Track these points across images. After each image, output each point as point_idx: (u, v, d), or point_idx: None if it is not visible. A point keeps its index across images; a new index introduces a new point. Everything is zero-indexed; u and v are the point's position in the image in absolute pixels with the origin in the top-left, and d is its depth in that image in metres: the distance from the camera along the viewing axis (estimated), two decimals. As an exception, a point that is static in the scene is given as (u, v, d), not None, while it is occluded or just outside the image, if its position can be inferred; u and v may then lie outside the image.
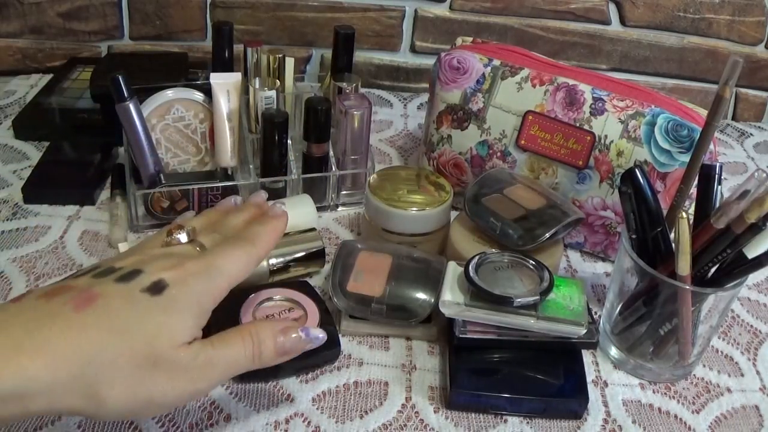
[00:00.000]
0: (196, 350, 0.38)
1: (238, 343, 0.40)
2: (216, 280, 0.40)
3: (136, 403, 0.36)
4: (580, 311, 0.52)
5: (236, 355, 0.40)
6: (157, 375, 0.36)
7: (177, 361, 0.37)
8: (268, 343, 0.41)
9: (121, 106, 0.62)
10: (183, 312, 0.38)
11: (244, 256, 0.42)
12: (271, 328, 0.42)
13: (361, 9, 0.95)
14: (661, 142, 0.61)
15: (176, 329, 0.37)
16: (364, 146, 0.70)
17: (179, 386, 0.37)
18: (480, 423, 0.51)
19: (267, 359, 0.41)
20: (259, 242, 0.44)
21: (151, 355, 0.36)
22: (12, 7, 0.91)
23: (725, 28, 0.96)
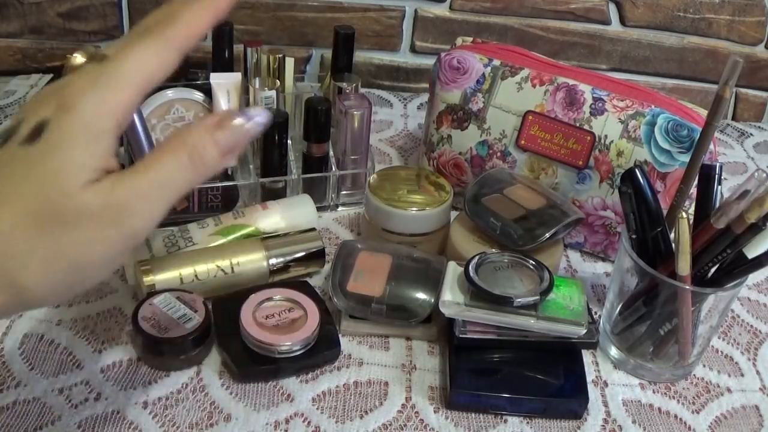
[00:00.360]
0: (108, 186, 0.31)
1: (167, 158, 0.32)
2: (112, 87, 0.31)
3: (58, 272, 0.30)
4: (580, 311, 0.52)
5: (170, 172, 0.32)
6: (67, 231, 0.30)
7: (83, 206, 0.30)
8: (205, 142, 0.33)
9: (121, 106, 0.61)
10: (69, 148, 0.30)
11: (152, 43, 0.32)
12: (203, 126, 0.33)
13: (361, 9, 0.95)
14: (661, 142, 0.61)
15: (66, 172, 0.30)
16: (364, 146, 0.70)
17: (101, 233, 0.30)
18: (480, 423, 0.51)
19: (211, 161, 0.33)
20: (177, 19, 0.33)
21: (48, 212, 0.30)
22: (12, 7, 0.91)
23: (725, 28, 0.96)
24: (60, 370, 0.52)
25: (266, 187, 0.69)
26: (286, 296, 0.55)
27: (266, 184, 0.69)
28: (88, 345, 0.54)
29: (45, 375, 0.51)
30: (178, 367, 0.52)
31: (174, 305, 0.53)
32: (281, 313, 0.54)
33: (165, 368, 0.52)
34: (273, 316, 0.54)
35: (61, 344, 0.54)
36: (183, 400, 0.50)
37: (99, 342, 0.54)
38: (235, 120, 0.33)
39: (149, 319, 0.52)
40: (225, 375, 0.53)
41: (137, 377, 0.52)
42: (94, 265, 0.31)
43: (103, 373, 0.52)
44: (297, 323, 0.53)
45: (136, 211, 0.31)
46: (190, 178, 0.33)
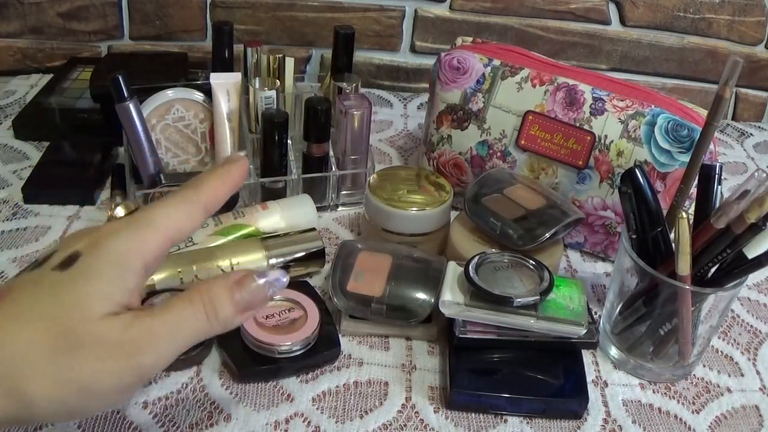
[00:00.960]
0: (126, 321, 0.33)
1: (184, 305, 0.34)
2: (142, 233, 0.34)
3: (67, 393, 0.31)
4: (580, 311, 0.52)
5: (184, 319, 0.34)
6: (81, 356, 0.31)
7: (100, 335, 0.32)
8: (222, 299, 0.35)
9: (121, 106, 0.62)
10: (97, 279, 0.33)
11: (180, 202, 0.36)
12: (224, 283, 0.35)
13: (361, 9, 0.95)
14: (661, 142, 0.61)
15: (90, 300, 0.32)
16: (364, 146, 0.70)
17: (113, 364, 0.32)
18: (480, 423, 0.51)
19: (226, 318, 0.35)
20: (202, 186, 0.37)
21: (67, 334, 0.31)
22: (12, 7, 0.91)
23: (725, 28, 0.96)
24: (60, 370, 0.52)
25: (266, 187, 0.69)
26: (286, 296, 0.55)
27: (266, 184, 0.69)
28: (88, 345, 0.54)
29: (45, 375, 0.51)
30: (178, 367, 0.52)
31: (174, 305, 0.53)
32: (281, 313, 0.54)
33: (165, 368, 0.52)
34: (273, 316, 0.54)
35: (61, 344, 0.54)
36: (183, 400, 0.50)
37: (99, 342, 0.54)
38: (255, 282, 0.36)
39: (149, 319, 0.52)
40: (225, 375, 0.53)
41: (137, 377, 0.52)
42: (102, 393, 0.32)
43: (103, 373, 0.52)
44: (297, 323, 0.53)
45: (147, 349, 0.33)
46: (203, 329, 0.35)
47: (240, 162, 0.39)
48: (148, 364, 0.33)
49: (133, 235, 0.34)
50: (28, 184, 0.69)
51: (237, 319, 0.36)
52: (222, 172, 0.38)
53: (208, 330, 0.35)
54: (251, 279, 0.36)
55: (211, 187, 0.37)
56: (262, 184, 0.69)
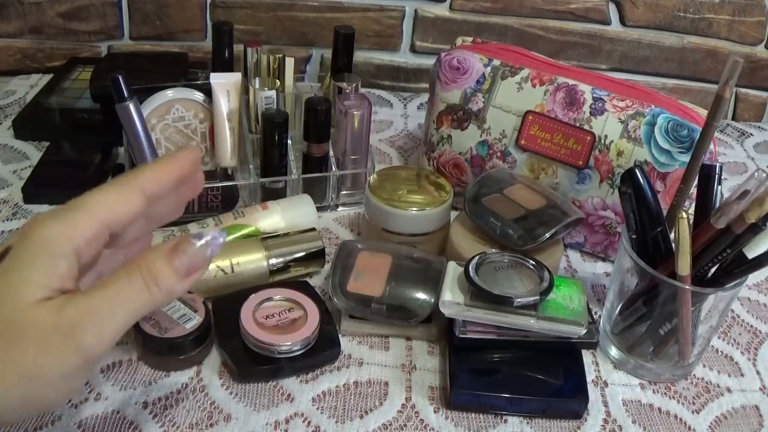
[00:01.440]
0: (60, 303, 0.32)
1: (120, 280, 0.33)
2: (70, 217, 0.33)
3: (12, 385, 0.31)
4: (580, 311, 0.52)
5: (123, 293, 0.33)
6: (19, 345, 0.31)
7: (34, 320, 0.31)
8: (160, 267, 0.34)
9: (121, 106, 0.61)
10: (26, 267, 0.32)
11: (115, 186, 0.35)
12: (160, 251, 0.34)
13: (361, 9, 0.95)
14: (661, 142, 0.61)
15: (21, 288, 0.32)
16: (364, 146, 0.70)
17: (53, 349, 0.31)
18: (480, 423, 0.51)
19: (169, 286, 0.34)
20: (142, 170, 0.36)
21: (1, 326, 0.31)
22: (12, 7, 0.91)
23: (725, 28, 0.96)
24: (60, 370, 0.52)
25: (266, 187, 0.69)
26: (286, 296, 0.55)
27: (266, 184, 0.69)
28: (88, 345, 0.54)
29: (45, 375, 0.51)
30: (178, 367, 0.52)
31: (174, 305, 0.53)
32: (281, 313, 0.54)
33: (165, 368, 0.52)
34: (273, 316, 0.54)
35: (61, 344, 0.54)
36: (183, 400, 0.50)
37: (99, 342, 0.54)
38: (192, 245, 0.35)
39: (149, 319, 0.52)
40: (225, 375, 0.53)
41: (137, 377, 0.52)
42: (48, 379, 0.32)
43: (103, 373, 0.52)
44: (297, 323, 0.53)
45: (87, 329, 0.32)
46: (145, 301, 0.33)
47: (188, 149, 0.39)
48: (89, 343, 0.32)
49: (61, 220, 0.33)
50: (28, 184, 0.69)
51: (180, 285, 0.34)
52: (167, 158, 0.38)
53: (151, 300, 0.34)
54: (188, 242, 0.35)
55: (151, 171, 0.36)
56: (262, 184, 0.69)
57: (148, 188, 0.36)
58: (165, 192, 0.37)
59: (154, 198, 0.36)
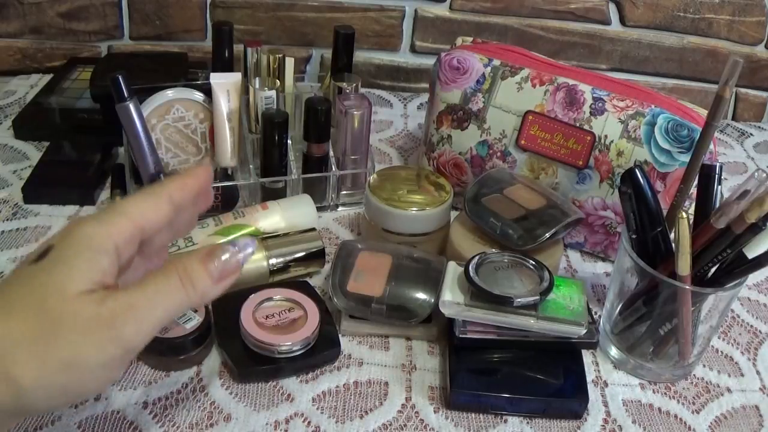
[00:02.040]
0: (101, 296, 0.34)
1: (158, 278, 0.36)
2: (110, 219, 0.36)
3: (53, 372, 0.33)
4: (580, 311, 0.52)
5: (161, 291, 0.35)
6: (61, 334, 0.33)
7: (77, 311, 0.33)
8: (197, 270, 0.36)
9: (121, 106, 0.61)
10: (69, 263, 0.34)
11: (146, 193, 0.39)
12: (196, 256, 0.37)
13: (361, 9, 0.95)
14: (661, 142, 0.61)
15: (64, 282, 0.34)
16: (364, 146, 0.70)
17: (94, 338, 0.33)
18: (480, 423, 0.51)
19: (204, 288, 0.36)
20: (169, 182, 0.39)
21: (46, 317, 0.33)
22: (12, 7, 0.91)
23: (725, 28, 0.96)
24: (60, 370, 0.52)
25: (266, 187, 0.69)
26: (286, 296, 0.55)
27: (266, 184, 0.69)
28: (88, 345, 0.54)
29: (45, 375, 0.51)
30: (178, 367, 0.52)
31: (174, 305, 0.53)
32: (281, 313, 0.54)
33: (165, 368, 0.52)
34: (273, 316, 0.54)
35: (61, 344, 0.54)
36: (183, 400, 0.50)
37: (99, 342, 0.54)
38: (225, 252, 0.37)
39: (149, 319, 0.52)
40: (225, 375, 0.53)
41: (137, 377, 0.52)
42: (88, 368, 0.33)
43: (103, 373, 0.52)
44: (297, 323, 0.53)
45: (127, 319, 0.34)
46: (181, 300, 0.36)
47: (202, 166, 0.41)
48: (129, 333, 0.34)
49: (102, 221, 0.36)
50: (28, 184, 0.69)
51: (213, 289, 0.37)
52: (188, 171, 0.40)
53: (187, 301, 0.36)
54: (221, 249, 0.37)
55: (175, 183, 0.39)
56: (262, 184, 0.69)
57: (176, 197, 0.39)
58: (186, 203, 0.40)
59: (179, 208, 0.39)
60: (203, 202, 0.42)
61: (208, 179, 0.41)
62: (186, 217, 0.42)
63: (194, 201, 0.41)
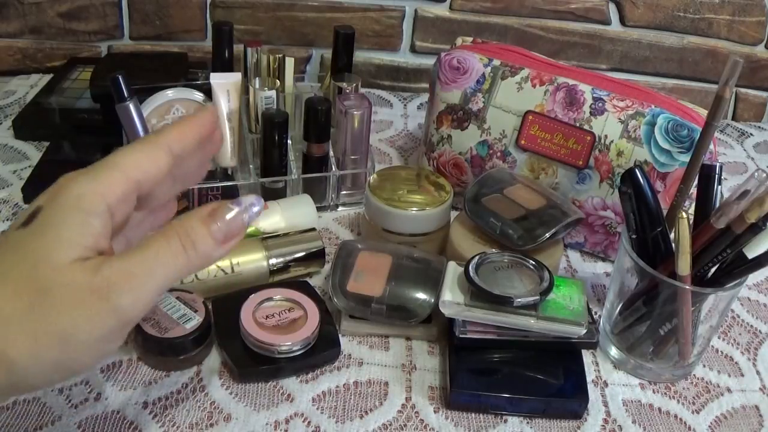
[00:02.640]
0: (96, 263, 0.31)
1: (158, 242, 0.33)
2: (101, 175, 0.33)
3: (47, 347, 0.30)
4: (580, 311, 0.52)
5: (161, 256, 0.33)
6: (54, 306, 0.30)
7: (70, 281, 0.31)
8: (198, 230, 0.34)
9: (121, 106, 0.61)
10: (59, 227, 0.32)
11: (141, 143, 0.35)
12: (198, 216, 0.34)
13: (361, 9, 0.95)
14: (661, 142, 0.61)
15: (55, 248, 0.31)
16: (364, 146, 0.70)
17: (89, 309, 0.31)
18: (480, 423, 0.51)
19: (206, 250, 0.34)
20: (166, 129, 0.36)
21: (37, 287, 0.31)
22: (12, 7, 0.91)
23: (725, 28, 0.96)
24: (60, 370, 0.52)
25: (266, 187, 0.69)
26: (286, 296, 0.55)
27: (266, 184, 0.69)
28: (88, 345, 0.54)
29: (45, 375, 0.51)
30: (178, 367, 0.52)
31: (174, 305, 0.53)
32: (281, 313, 0.54)
33: (165, 368, 0.52)
34: (273, 316, 0.54)
35: (61, 344, 0.54)
36: (183, 400, 0.50)
37: (99, 342, 0.54)
38: (229, 211, 0.35)
39: (149, 319, 0.52)
40: (225, 375, 0.53)
41: (137, 377, 0.52)
42: (82, 341, 0.31)
43: (103, 373, 0.52)
44: (297, 323, 0.53)
45: (123, 290, 0.31)
46: (183, 265, 0.33)
47: (206, 110, 0.39)
48: (126, 304, 0.31)
49: (92, 178, 0.33)
50: (28, 184, 0.69)
51: (218, 250, 0.34)
52: (188, 118, 0.38)
53: (188, 264, 0.33)
54: (225, 207, 0.35)
55: (176, 130, 0.36)
56: (262, 184, 0.69)
57: (175, 147, 0.36)
58: (188, 152, 0.37)
59: (179, 158, 0.36)
60: (211, 147, 0.39)
61: (213, 123, 0.38)
62: (193, 164, 0.39)
63: (200, 146, 0.38)
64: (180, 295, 0.54)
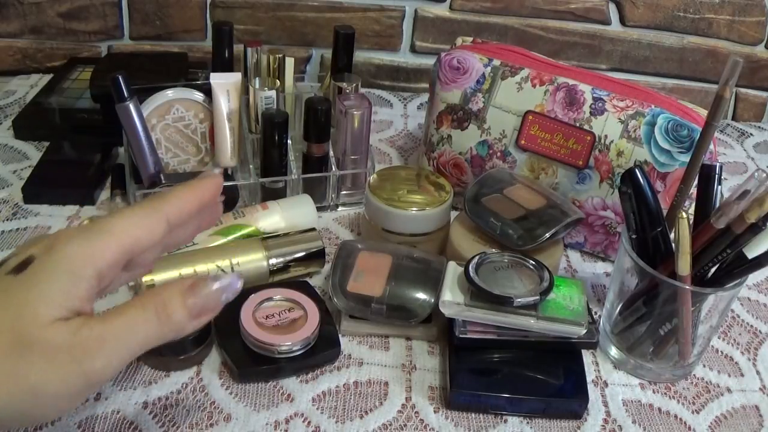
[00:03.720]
0: (75, 326, 0.32)
1: (136, 310, 0.34)
2: (96, 240, 0.34)
3: (18, 396, 0.31)
4: (580, 311, 0.52)
5: (135, 324, 0.34)
6: (31, 360, 0.31)
7: (49, 339, 0.32)
8: (175, 303, 0.34)
9: (121, 106, 0.62)
10: (48, 284, 0.33)
11: (140, 211, 0.36)
12: (177, 288, 0.35)
13: (361, 9, 0.95)
14: (661, 142, 0.61)
15: (40, 304, 0.32)
16: (364, 146, 0.70)
17: (62, 369, 0.32)
18: (480, 423, 0.51)
19: (179, 323, 0.35)
20: (166, 197, 0.37)
21: (17, 339, 0.31)
22: (12, 7, 0.91)
23: (725, 28, 0.96)
24: (60, 370, 0.52)
25: (266, 187, 0.69)
26: (286, 296, 0.55)
27: (266, 184, 0.69)
28: (88, 345, 0.54)
29: (45, 375, 0.51)
30: (178, 367, 0.52)
31: (174, 305, 0.53)
32: (281, 313, 0.54)
33: (165, 368, 0.52)
34: (273, 316, 0.54)
35: (61, 344, 0.54)
36: (183, 400, 0.50)
37: (99, 342, 0.54)
38: (208, 287, 0.35)
39: (149, 319, 0.52)
40: (225, 375, 0.53)
41: (137, 377, 0.52)
42: (50, 397, 0.32)
43: (103, 373, 0.52)
44: (297, 323, 0.53)
45: (96, 354, 0.32)
46: (156, 333, 0.34)
47: (211, 177, 0.39)
48: (96, 369, 0.33)
49: (87, 241, 0.34)
50: (28, 184, 0.69)
51: (191, 324, 0.35)
52: (190, 185, 0.38)
53: (160, 335, 0.34)
54: (204, 284, 0.35)
55: (175, 198, 0.37)
56: (262, 184, 0.69)
57: (173, 217, 0.36)
58: (185, 221, 0.37)
59: (175, 225, 0.37)
60: (208, 217, 0.40)
61: (216, 190, 0.38)
62: (185, 233, 0.39)
63: (197, 216, 0.38)
64: (180, 295, 0.54)
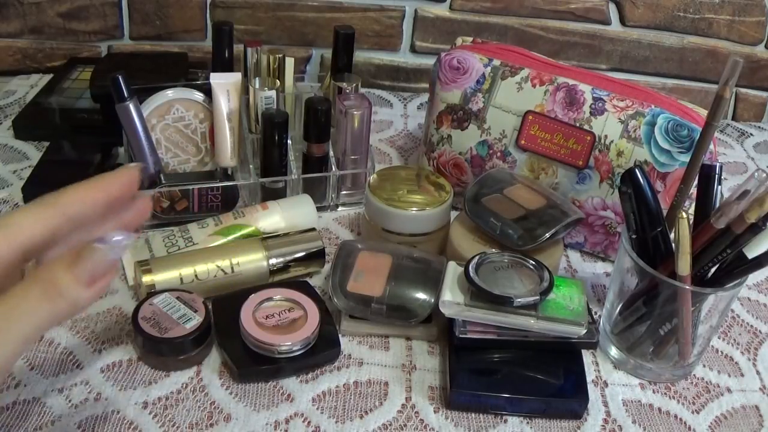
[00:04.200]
0: None
1: (20, 291, 0.32)
2: None
3: None
4: (580, 311, 0.52)
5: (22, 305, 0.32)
6: None
7: None
8: (61, 275, 0.33)
9: (121, 106, 0.62)
10: None
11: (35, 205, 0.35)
12: (61, 260, 0.33)
13: (361, 9, 0.95)
14: (661, 142, 0.61)
15: None
16: (364, 146, 0.70)
17: None
18: (480, 423, 0.51)
19: (72, 295, 0.33)
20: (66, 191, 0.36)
21: None
22: (12, 7, 0.91)
23: (725, 28, 0.96)
24: (60, 370, 0.52)
25: (266, 187, 0.69)
26: (286, 296, 0.55)
27: (266, 184, 0.69)
28: (88, 345, 0.54)
29: (45, 375, 0.51)
30: (178, 367, 0.52)
31: (174, 305, 0.53)
32: (281, 313, 0.54)
33: (165, 368, 0.52)
34: (273, 316, 0.54)
35: (61, 344, 0.54)
36: (183, 400, 0.50)
37: (99, 342, 0.54)
38: (93, 250, 0.33)
39: (149, 319, 0.52)
40: (225, 375, 0.53)
41: (137, 377, 0.52)
42: None
43: (103, 373, 0.52)
44: (297, 323, 0.53)
45: None
46: (47, 311, 0.32)
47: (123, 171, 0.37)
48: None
49: None
50: (28, 184, 0.69)
51: (87, 293, 0.33)
52: (95, 179, 0.36)
53: (55, 311, 0.33)
54: (88, 249, 0.33)
55: (75, 192, 0.35)
56: (262, 184, 0.69)
57: (71, 210, 0.35)
58: (92, 214, 0.36)
59: (78, 220, 0.35)
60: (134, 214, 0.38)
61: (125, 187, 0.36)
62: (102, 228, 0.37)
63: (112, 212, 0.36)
64: (180, 295, 0.54)
